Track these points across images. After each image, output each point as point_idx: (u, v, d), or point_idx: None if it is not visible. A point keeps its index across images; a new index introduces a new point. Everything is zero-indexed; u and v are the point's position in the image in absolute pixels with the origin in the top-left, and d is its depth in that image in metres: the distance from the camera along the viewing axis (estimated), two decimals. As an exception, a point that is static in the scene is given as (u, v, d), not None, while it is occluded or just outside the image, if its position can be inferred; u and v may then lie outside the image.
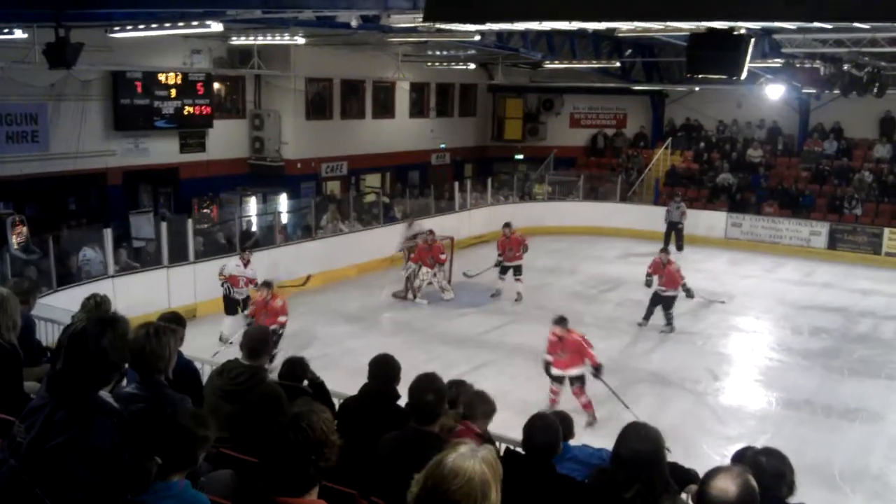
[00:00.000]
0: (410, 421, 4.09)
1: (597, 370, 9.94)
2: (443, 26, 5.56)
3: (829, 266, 19.89)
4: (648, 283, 14.33)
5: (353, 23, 11.46)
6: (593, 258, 20.09)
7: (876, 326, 15.07)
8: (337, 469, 2.91)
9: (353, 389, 5.11)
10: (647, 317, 14.15)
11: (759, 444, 4.45)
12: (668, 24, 5.12)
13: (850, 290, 17.48)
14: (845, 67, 15.15)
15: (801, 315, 15.50)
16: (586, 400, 10.01)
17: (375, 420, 4.41)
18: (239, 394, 4.61)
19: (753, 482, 2.87)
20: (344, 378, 6.06)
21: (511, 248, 15.99)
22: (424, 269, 16.03)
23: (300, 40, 15.26)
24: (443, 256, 16.17)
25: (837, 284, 18.16)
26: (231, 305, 12.72)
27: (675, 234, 21.36)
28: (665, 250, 14.77)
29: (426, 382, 4.10)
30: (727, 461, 4.15)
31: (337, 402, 5.27)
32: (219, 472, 3.76)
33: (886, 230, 20.76)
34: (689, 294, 14.65)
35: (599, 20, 4.25)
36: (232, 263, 12.86)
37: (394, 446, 3.99)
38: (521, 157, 27.74)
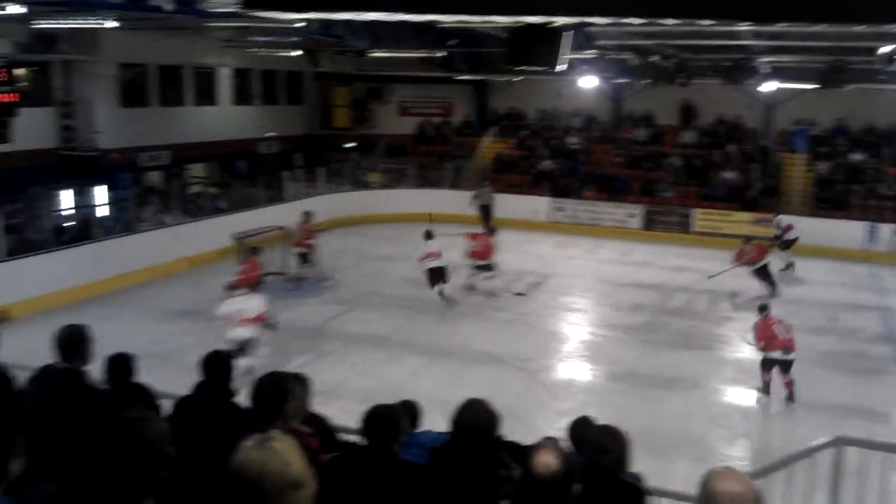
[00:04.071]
0: (253, 420, 3.98)
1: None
2: (261, 14, 5.39)
3: (645, 245, 21.17)
4: None
5: (167, 6, 10.97)
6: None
7: (689, 300, 16.21)
8: (174, 475, 2.78)
9: (186, 388, 4.90)
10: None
11: (589, 416, 4.69)
12: (486, 18, 5.22)
13: (664, 268, 18.69)
14: (652, 59, 16.16)
15: (620, 292, 16.42)
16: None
17: (212, 419, 4.25)
18: (55, 400, 4.29)
19: (572, 454, 3.04)
20: (175, 376, 5.82)
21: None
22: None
23: (109, 24, 14.32)
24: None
25: (653, 262, 19.36)
26: None
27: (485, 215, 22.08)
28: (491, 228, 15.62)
29: (267, 380, 4.00)
30: (562, 435, 4.35)
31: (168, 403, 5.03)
32: (42, 486, 3.50)
33: (695, 210, 22.38)
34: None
35: (420, 12, 4.25)
36: None
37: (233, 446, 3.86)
38: (352, 145, 27.58)
